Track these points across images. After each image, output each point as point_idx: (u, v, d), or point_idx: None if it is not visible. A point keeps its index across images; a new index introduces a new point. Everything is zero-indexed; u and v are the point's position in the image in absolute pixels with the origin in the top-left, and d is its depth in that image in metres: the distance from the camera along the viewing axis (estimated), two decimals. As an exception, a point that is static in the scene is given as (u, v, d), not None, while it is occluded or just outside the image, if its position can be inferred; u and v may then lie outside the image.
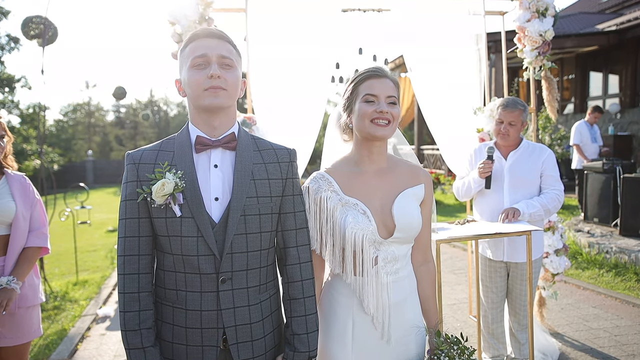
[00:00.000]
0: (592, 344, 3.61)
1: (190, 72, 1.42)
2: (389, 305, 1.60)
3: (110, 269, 6.66)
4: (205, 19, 3.24)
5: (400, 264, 1.63)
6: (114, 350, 3.98)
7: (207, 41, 1.43)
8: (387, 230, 1.59)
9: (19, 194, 2.39)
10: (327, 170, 1.68)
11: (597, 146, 7.53)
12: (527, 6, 3.61)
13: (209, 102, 1.40)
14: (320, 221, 1.60)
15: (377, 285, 1.58)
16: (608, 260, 5.48)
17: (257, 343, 1.47)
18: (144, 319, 1.41)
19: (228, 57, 1.43)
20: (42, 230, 2.48)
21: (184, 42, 1.49)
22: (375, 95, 1.58)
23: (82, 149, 35.22)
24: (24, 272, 2.37)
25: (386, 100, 1.58)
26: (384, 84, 1.60)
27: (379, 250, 1.58)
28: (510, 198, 2.88)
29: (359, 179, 1.63)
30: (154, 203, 1.38)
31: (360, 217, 1.57)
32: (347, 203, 1.59)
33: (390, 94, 1.59)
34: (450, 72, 3.87)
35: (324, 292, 1.72)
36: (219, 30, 1.49)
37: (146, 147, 1.50)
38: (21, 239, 2.39)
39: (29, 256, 2.41)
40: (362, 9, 3.69)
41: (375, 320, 1.60)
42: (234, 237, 1.40)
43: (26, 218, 2.40)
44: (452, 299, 4.74)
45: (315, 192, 1.61)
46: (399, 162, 1.71)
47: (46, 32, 5.43)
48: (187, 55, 1.45)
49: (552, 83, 3.74)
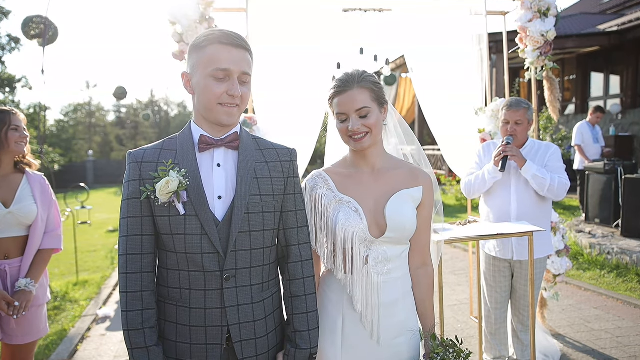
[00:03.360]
0: (594, 345, 3.59)
1: (208, 81, 1.39)
2: (379, 305, 1.60)
3: (111, 270, 6.65)
4: (206, 19, 3.24)
5: (392, 265, 1.62)
6: (114, 350, 3.97)
7: (232, 52, 1.40)
8: (379, 230, 1.60)
9: (40, 196, 2.40)
10: (325, 169, 1.71)
11: (599, 147, 7.50)
12: (528, 6, 3.60)
13: (223, 120, 1.43)
14: (315, 217, 1.64)
15: (366, 284, 1.59)
16: (609, 261, 5.47)
17: (261, 341, 1.48)
18: (147, 318, 1.41)
19: (248, 74, 1.44)
20: (57, 232, 2.50)
21: (203, 37, 1.42)
22: (344, 114, 1.59)
23: (82, 149, 35.23)
24: (39, 273, 2.40)
25: (356, 114, 1.58)
26: (350, 99, 1.57)
27: (370, 249, 1.59)
28: (517, 197, 2.87)
29: (355, 179, 1.66)
30: (158, 201, 1.38)
31: (352, 214, 1.59)
32: (340, 200, 1.62)
33: (359, 106, 1.57)
34: (451, 72, 3.86)
35: (318, 289, 1.73)
36: (240, 36, 1.44)
37: (148, 146, 1.50)
38: (38, 241, 2.41)
39: (44, 258, 2.44)
40: (363, 9, 3.67)
41: (364, 319, 1.61)
42: (238, 235, 1.41)
43: (44, 220, 2.42)
44: (453, 300, 4.72)
45: (312, 189, 1.65)
46: (400, 164, 1.71)
47: (46, 32, 5.43)
48: (206, 60, 1.39)
49: (554, 83, 3.73)
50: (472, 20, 3.90)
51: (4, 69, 20.00)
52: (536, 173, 2.74)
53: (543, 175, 2.74)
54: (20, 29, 5.53)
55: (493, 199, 2.96)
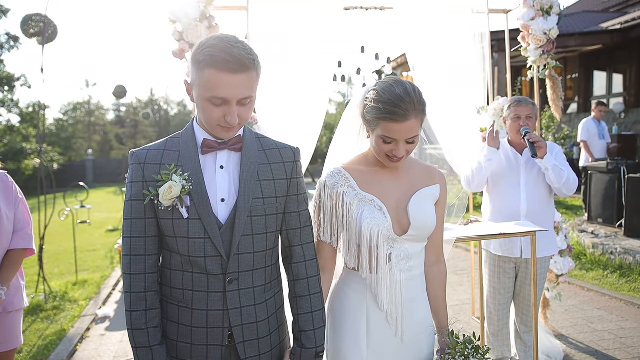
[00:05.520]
0: (597, 346, 3.57)
1: (205, 103, 1.33)
2: (402, 303, 1.60)
3: (110, 269, 6.63)
4: (207, 17, 3.21)
5: (413, 262, 1.63)
6: (113, 351, 3.94)
7: (230, 80, 1.29)
8: (401, 228, 1.59)
9: (2, 194, 2.24)
10: (344, 166, 1.67)
11: (604, 143, 7.45)
12: (531, 4, 3.57)
13: (222, 137, 1.41)
14: (336, 216, 1.61)
15: (390, 282, 1.59)
16: (612, 261, 5.44)
17: (263, 341, 1.49)
18: (151, 317, 1.42)
19: (249, 96, 1.35)
20: (27, 231, 2.32)
21: (202, 54, 1.31)
22: (393, 139, 1.52)
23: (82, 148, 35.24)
24: (9, 276, 2.22)
25: (405, 141, 1.52)
26: (406, 129, 1.47)
27: (393, 247, 1.59)
28: (527, 195, 2.84)
29: (376, 177, 1.64)
30: (161, 205, 1.38)
31: (377, 212, 1.57)
32: (363, 199, 1.59)
33: (410, 136, 1.50)
34: (453, 71, 3.83)
35: (335, 289, 1.73)
36: (240, 57, 1.30)
37: (151, 145, 1.48)
38: (5, 241, 2.24)
39: (14, 259, 2.25)
40: (364, 7, 3.65)
41: (389, 317, 1.60)
42: (241, 238, 1.41)
43: (10, 219, 2.25)
44: (454, 300, 4.70)
45: (332, 186, 1.62)
46: (414, 162, 1.72)
47: (46, 30, 5.39)
48: (203, 83, 1.31)
49: (556, 82, 3.70)
50: (474, 18, 3.87)
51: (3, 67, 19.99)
52: (556, 164, 2.73)
53: (560, 170, 2.73)
54: (19, 27, 5.49)
55: (500, 196, 2.92)
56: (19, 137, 20.69)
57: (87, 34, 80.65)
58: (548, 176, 2.77)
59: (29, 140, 20.45)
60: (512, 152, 2.94)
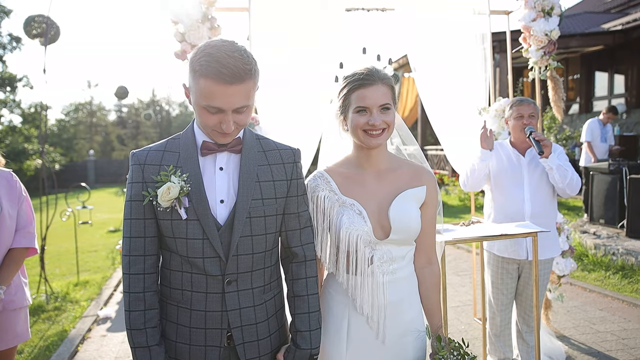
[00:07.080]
0: (599, 347, 3.56)
1: (201, 110, 1.33)
2: (385, 305, 1.59)
3: (112, 270, 6.63)
4: (208, 18, 3.21)
5: (398, 265, 1.61)
6: (115, 351, 3.95)
7: (225, 91, 1.28)
8: (383, 232, 1.58)
9: (5, 192, 2.24)
10: (327, 169, 1.68)
11: (606, 145, 7.53)
12: (532, 5, 3.57)
13: (219, 141, 1.41)
14: (316, 219, 1.61)
15: (372, 284, 1.58)
16: (614, 262, 5.42)
17: (263, 342, 1.49)
18: (149, 318, 1.43)
19: (245, 105, 1.34)
20: (29, 230, 2.31)
21: (198, 62, 1.29)
22: (366, 107, 1.54)
23: (83, 149, 35.29)
24: (9, 274, 2.22)
25: (379, 109, 1.54)
26: (375, 92, 1.54)
27: (375, 250, 1.58)
28: (531, 195, 2.83)
29: (358, 180, 1.63)
30: (160, 206, 1.38)
31: (356, 217, 1.57)
32: (344, 203, 1.59)
33: (382, 102, 1.54)
34: (454, 71, 3.83)
35: (322, 290, 1.73)
36: (236, 68, 1.28)
37: (151, 146, 1.48)
38: (7, 239, 2.23)
39: (15, 257, 2.24)
40: (366, 9, 3.65)
41: (370, 319, 1.60)
42: (240, 240, 1.41)
43: (13, 217, 2.25)
44: (456, 301, 4.69)
45: (313, 190, 1.62)
46: (402, 163, 1.69)
47: (48, 31, 5.41)
48: (199, 91, 1.30)
49: (558, 83, 3.70)
50: (476, 19, 3.87)
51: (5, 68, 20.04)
52: (560, 163, 2.72)
53: (564, 170, 2.72)
54: (22, 28, 5.52)
55: (503, 197, 2.91)
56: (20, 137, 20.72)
57: (89, 35, 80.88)
58: (552, 176, 2.76)
59: (31, 140, 20.48)
60: (514, 154, 2.94)
